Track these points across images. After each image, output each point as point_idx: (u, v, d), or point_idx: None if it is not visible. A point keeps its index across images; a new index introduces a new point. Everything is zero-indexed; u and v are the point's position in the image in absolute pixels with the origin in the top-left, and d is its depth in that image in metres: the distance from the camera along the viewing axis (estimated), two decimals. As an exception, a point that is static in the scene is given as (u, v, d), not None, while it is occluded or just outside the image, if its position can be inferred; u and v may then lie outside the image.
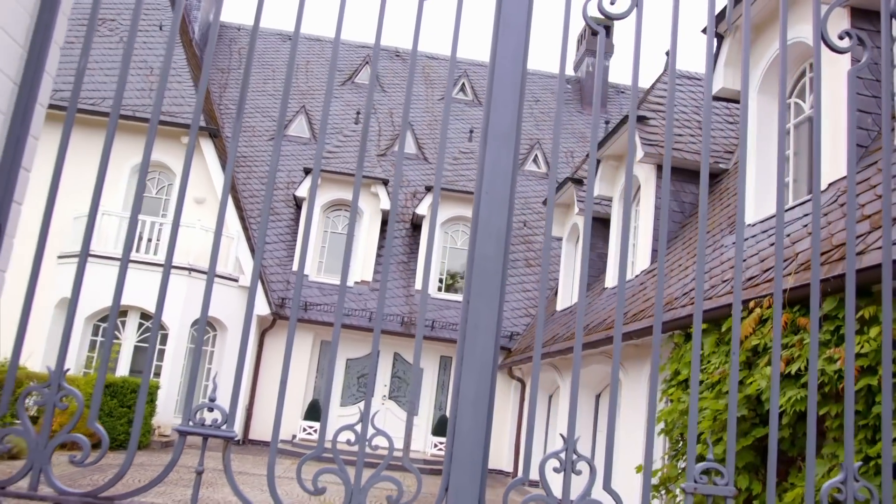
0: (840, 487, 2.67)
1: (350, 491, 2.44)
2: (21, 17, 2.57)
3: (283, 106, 2.71)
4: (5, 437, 2.42)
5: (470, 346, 2.59)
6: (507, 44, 2.83)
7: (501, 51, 2.81)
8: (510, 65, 2.81)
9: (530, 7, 2.86)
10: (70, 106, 2.52)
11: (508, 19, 2.83)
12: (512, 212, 2.74)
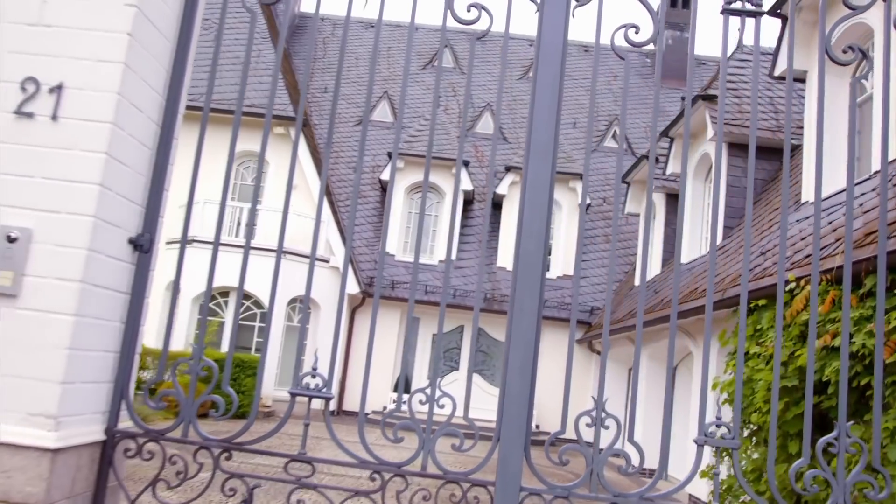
0: (833, 442, 3.16)
1: (422, 440, 3.10)
2: (163, 44, 3.31)
3: (369, 95, 3.36)
4: (164, 396, 3.20)
5: (516, 327, 3.19)
6: (545, 73, 3.38)
7: (541, 80, 3.37)
8: (548, 91, 3.36)
9: (565, 42, 3.40)
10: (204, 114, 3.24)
11: (546, 56, 3.38)
12: (550, 214, 3.32)
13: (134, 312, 3.32)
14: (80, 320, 2.95)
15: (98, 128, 3.03)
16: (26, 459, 2.81)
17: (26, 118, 3.04)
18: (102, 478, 3.19)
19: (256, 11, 3.42)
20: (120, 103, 3.07)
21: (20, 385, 2.87)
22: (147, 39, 3.23)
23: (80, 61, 3.08)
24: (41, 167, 3.01)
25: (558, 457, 3.14)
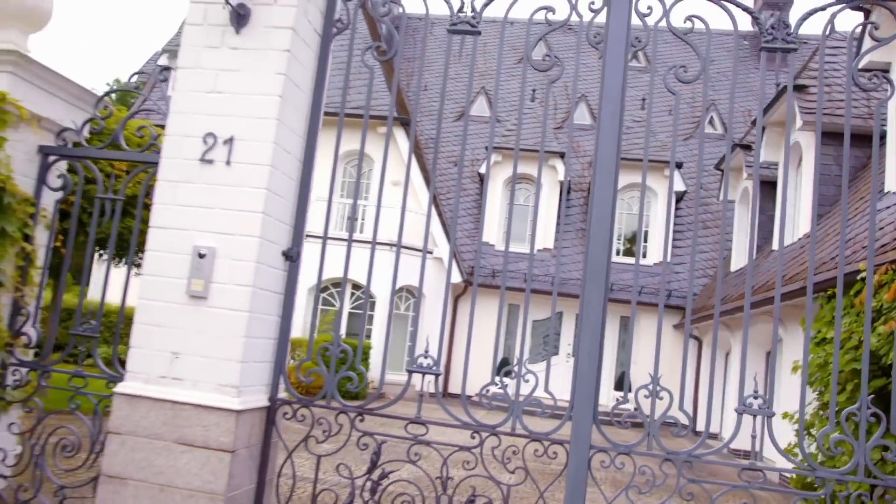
0: (855, 412, 3.78)
1: (511, 407, 3.93)
2: (302, 98, 4.26)
3: (469, 91, 4.20)
4: (311, 372, 4.15)
5: (586, 317, 3.97)
6: (607, 109, 4.12)
7: (604, 119, 4.11)
8: (610, 123, 4.09)
9: (623, 88, 4.11)
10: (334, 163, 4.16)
11: (609, 94, 4.12)
12: (614, 222, 4.06)
13: (287, 308, 4.31)
14: (251, 315, 3.94)
15: (260, 169, 4.00)
16: (219, 418, 3.82)
17: (208, 164, 4.05)
18: (268, 434, 4.19)
19: (374, 66, 4.31)
20: (275, 149, 4.03)
21: (212, 364, 3.88)
22: (292, 97, 4.18)
23: (245, 119, 4.05)
24: (220, 200, 4.01)
25: (622, 423, 3.91)
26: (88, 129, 4.85)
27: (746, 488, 3.75)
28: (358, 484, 4.09)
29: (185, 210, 4.04)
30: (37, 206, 4.63)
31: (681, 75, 4.16)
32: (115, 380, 4.15)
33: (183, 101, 4.16)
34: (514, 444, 3.94)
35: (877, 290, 6.77)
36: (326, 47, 4.47)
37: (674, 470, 3.81)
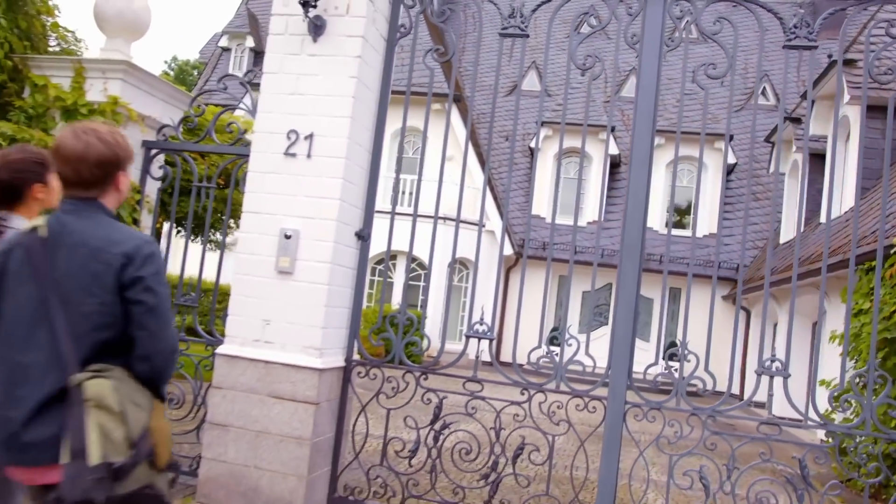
0: (863, 374, 4.25)
1: (556, 368, 4.50)
2: (371, 96, 4.85)
3: (521, 67, 4.74)
4: (381, 336, 4.78)
5: (622, 291, 4.51)
6: (642, 106, 4.60)
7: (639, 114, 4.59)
8: (644, 118, 4.58)
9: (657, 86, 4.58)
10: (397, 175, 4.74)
11: (644, 90, 4.60)
12: (647, 209, 4.56)
13: (359, 281, 4.94)
14: (330, 288, 4.58)
15: (337, 161, 4.61)
16: (305, 375, 4.48)
17: (291, 157, 4.68)
18: (344, 390, 4.86)
19: (434, 67, 4.86)
20: (349, 144, 4.64)
21: (298, 329, 4.54)
22: (362, 96, 4.77)
23: (323, 117, 4.66)
24: (302, 188, 4.64)
25: (653, 382, 4.45)
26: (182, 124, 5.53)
27: (764, 440, 4.26)
28: (422, 434, 4.72)
29: (272, 197, 4.69)
30: (142, 193, 5.33)
31: (710, 72, 4.61)
32: (214, 343, 4.85)
33: (269, 101, 4.79)
34: (559, 400, 4.52)
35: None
36: (391, 50, 5.03)
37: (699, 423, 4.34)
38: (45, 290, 2.02)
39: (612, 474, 4.39)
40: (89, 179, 2.13)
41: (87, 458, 1.87)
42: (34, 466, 1.95)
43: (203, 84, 24.74)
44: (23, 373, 2.00)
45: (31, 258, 2.04)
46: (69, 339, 1.99)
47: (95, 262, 2.04)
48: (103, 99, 5.01)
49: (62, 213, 2.15)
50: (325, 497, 4.75)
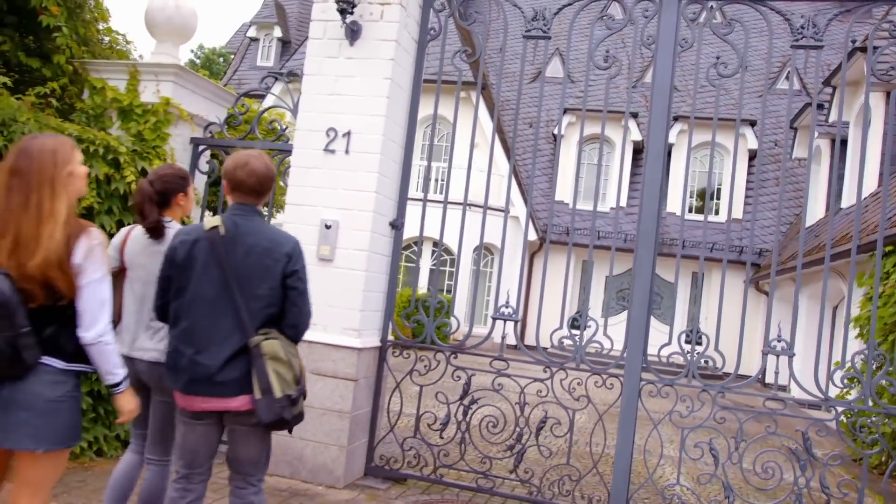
0: (864, 353, 4.56)
1: (576, 348, 4.87)
2: (403, 95, 5.20)
3: (545, 55, 5.09)
4: (412, 318, 5.16)
5: (638, 276, 4.84)
6: (657, 104, 4.91)
7: (655, 112, 4.91)
8: (659, 116, 4.90)
9: (671, 85, 4.90)
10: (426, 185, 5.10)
11: (658, 88, 4.92)
12: (662, 201, 4.88)
13: (393, 268, 5.33)
14: (368, 274, 4.97)
15: (372, 157, 4.99)
16: (344, 354, 4.89)
17: (330, 153, 5.06)
18: (380, 368, 5.26)
19: (463, 68, 5.20)
20: (384, 140, 5.01)
21: (338, 312, 4.94)
22: (396, 96, 5.13)
23: (359, 115, 5.03)
24: (341, 182, 5.02)
25: (666, 360, 4.80)
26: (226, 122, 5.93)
27: (770, 414, 4.59)
28: (452, 409, 5.11)
29: (313, 190, 5.08)
30: (191, 186, 5.75)
31: (722, 71, 4.92)
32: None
33: (309, 101, 5.17)
34: (579, 378, 4.89)
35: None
36: (422, 52, 5.39)
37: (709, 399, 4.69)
38: (227, 275, 2.75)
39: (628, 446, 4.75)
40: (259, 192, 2.88)
41: (273, 392, 2.68)
42: (221, 398, 2.75)
43: (232, 74, 25.22)
44: (213, 334, 2.75)
45: (214, 250, 2.77)
46: (247, 312, 2.75)
47: (267, 259, 2.80)
48: (156, 100, 5.41)
49: (233, 216, 2.85)
50: (363, 466, 5.17)
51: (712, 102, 20.46)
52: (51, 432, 2.36)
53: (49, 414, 2.36)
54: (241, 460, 2.90)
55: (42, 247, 2.30)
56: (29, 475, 2.40)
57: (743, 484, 5.87)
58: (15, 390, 2.33)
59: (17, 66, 5.46)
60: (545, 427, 5.01)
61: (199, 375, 2.73)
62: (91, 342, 2.41)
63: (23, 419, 2.32)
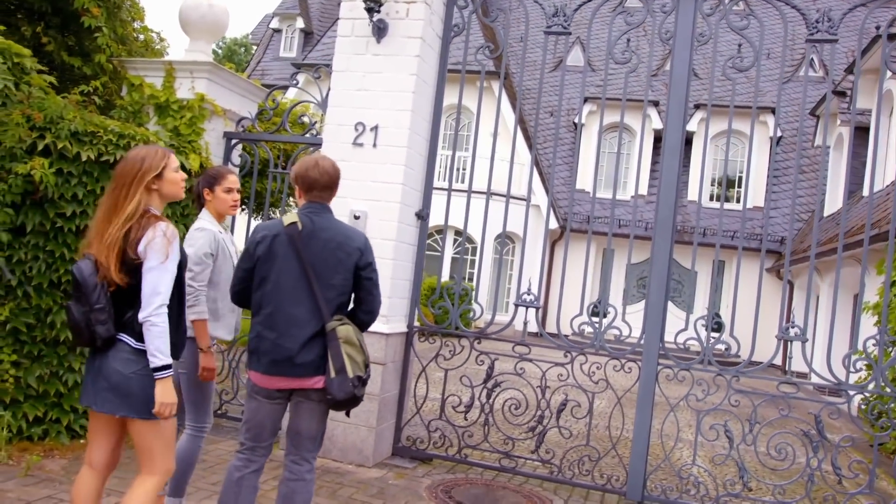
0: (876, 339, 4.71)
1: (596, 333, 5.06)
2: (428, 90, 5.40)
3: (566, 44, 5.26)
4: (437, 304, 5.37)
5: (655, 263, 5.01)
6: (674, 96, 5.07)
7: (672, 105, 5.07)
8: (676, 108, 5.05)
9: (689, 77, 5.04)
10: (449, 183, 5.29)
11: (676, 81, 5.07)
12: (679, 191, 5.04)
13: (419, 256, 5.54)
14: (395, 262, 5.18)
15: (399, 150, 5.19)
16: (374, 339, 5.11)
17: (359, 146, 5.27)
18: (407, 353, 5.48)
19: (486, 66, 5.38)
20: (410, 134, 5.21)
21: (367, 298, 5.15)
22: (421, 91, 5.33)
23: (386, 110, 5.24)
24: (368, 175, 5.23)
25: (683, 345, 4.97)
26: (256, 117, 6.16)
27: (784, 398, 4.76)
28: (476, 392, 5.33)
29: (343, 182, 5.23)
30: (224, 178, 5.99)
31: (739, 64, 5.06)
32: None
33: (338, 96, 5.38)
34: (598, 362, 5.08)
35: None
36: (446, 48, 5.57)
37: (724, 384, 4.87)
38: (304, 266, 3.05)
39: (646, 428, 4.94)
40: (330, 188, 3.20)
41: (346, 373, 2.97)
42: (300, 378, 3.03)
43: (255, 65, 25.51)
44: (293, 320, 3.02)
45: (293, 244, 3.06)
46: (323, 300, 3.03)
47: (341, 252, 3.09)
48: (191, 96, 5.64)
49: (308, 213, 3.14)
50: (391, 446, 5.41)
51: (734, 90, 20.46)
52: (124, 402, 2.66)
53: (121, 386, 2.66)
54: (302, 434, 3.13)
55: (105, 237, 2.64)
56: (133, 438, 2.76)
57: (757, 465, 6.04)
58: (101, 361, 2.70)
59: (60, 66, 5.72)
60: (565, 410, 5.21)
61: (280, 357, 3.01)
62: (141, 321, 2.66)
63: (104, 387, 2.68)
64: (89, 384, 2.72)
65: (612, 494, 5.04)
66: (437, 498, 4.60)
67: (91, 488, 2.79)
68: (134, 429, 2.72)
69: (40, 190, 4.52)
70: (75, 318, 2.64)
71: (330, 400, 3.01)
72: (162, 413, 2.67)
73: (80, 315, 2.63)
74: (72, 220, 4.69)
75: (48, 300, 4.65)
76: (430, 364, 5.46)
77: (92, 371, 2.72)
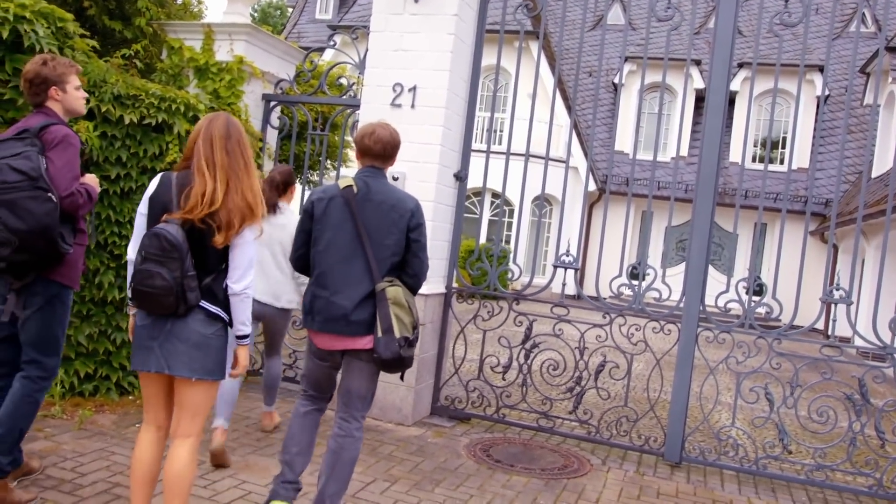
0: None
1: (635, 294, 5.03)
2: (466, 49, 5.35)
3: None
4: (476, 266, 5.38)
5: (696, 224, 4.95)
6: (719, 51, 4.95)
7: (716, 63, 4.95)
8: (720, 67, 4.93)
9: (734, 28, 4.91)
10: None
11: (721, 38, 4.94)
12: (722, 152, 4.95)
13: (457, 218, 5.54)
14: (434, 223, 5.19)
15: (437, 111, 5.17)
16: (412, 300, 5.14)
17: (397, 107, 5.26)
18: (445, 313, 5.52)
19: (525, 25, 5.30)
20: (448, 94, 5.18)
21: (406, 260, 5.18)
22: (459, 51, 5.28)
23: (424, 71, 5.20)
24: (407, 136, 5.20)
25: (723, 308, 4.93)
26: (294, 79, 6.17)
27: (826, 361, 4.70)
28: (515, 353, 5.35)
29: (381, 144, 5.29)
30: (263, 141, 6.03)
31: (786, 20, 4.91)
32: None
33: (376, 57, 5.36)
34: (637, 324, 5.06)
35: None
36: (484, 7, 5.50)
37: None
38: (358, 228, 3.15)
39: (685, 390, 4.92)
40: (384, 156, 3.30)
41: (393, 333, 3.04)
42: (353, 336, 3.12)
43: (291, 28, 25.47)
44: (347, 279, 3.13)
45: (348, 205, 3.17)
46: (375, 261, 3.13)
47: (394, 213, 3.17)
48: (230, 58, 5.67)
49: (364, 177, 3.24)
50: (430, 406, 5.48)
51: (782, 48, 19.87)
52: (201, 364, 2.70)
53: (201, 348, 2.70)
54: (352, 393, 3.23)
55: (237, 201, 2.73)
56: (186, 400, 2.76)
57: (798, 428, 6.00)
58: (177, 325, 2.69)
59: (101, 29, 5.78)
60: (604, 371, 5.21)
61: (334, 315, 3.11)
62: (237, 293, 2.76)
63: (181, 350, 2.68)
64: (156, 349, 2.70)
65: (650, 455, 5.06)
66: (475, 456, 4.66)
67: (159, 448, 2.84)
68: (193, 390, 2.74)
69: (86, 153, 4.60)
70: (168, 283, 2.61)
71: (377, 359, 3.08)
72: (239, 373, 2.85)
73: (172, 280, 2.61)
74: (116, 182, 4.77)
75: (95, 261, 4.76)
76: (469, 325, 5.49)
77: (159, 336, 2.70)
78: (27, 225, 2.88)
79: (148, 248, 2.64)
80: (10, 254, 2.90)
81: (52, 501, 3.23)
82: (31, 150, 2.96)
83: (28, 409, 3.13)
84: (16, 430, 3.12)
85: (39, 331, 3.15)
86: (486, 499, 3.93)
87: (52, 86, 3.18)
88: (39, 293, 3.12)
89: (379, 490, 3.89)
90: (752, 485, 4.73)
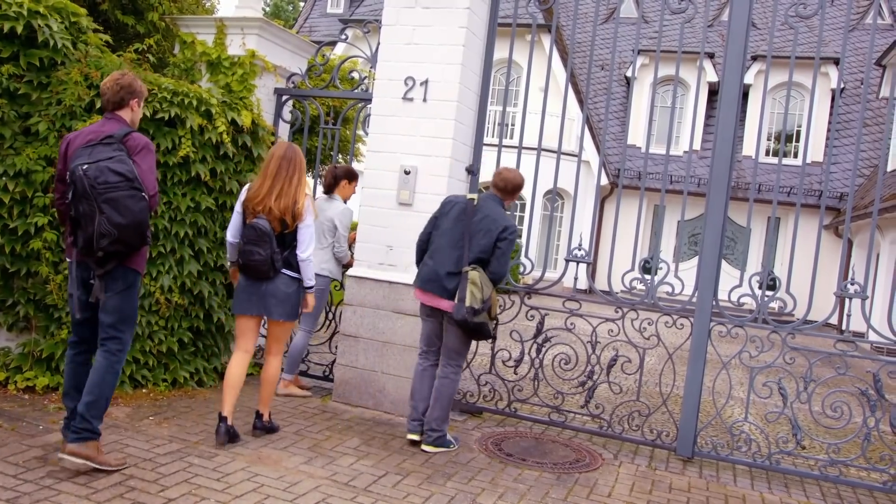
0: (939, 296, 4.56)
1: (648, 288, 5.01)
2: (478, 43, 5.34)
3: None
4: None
5: (710, 218, 4.92)
6: (733, 44, 4.91)
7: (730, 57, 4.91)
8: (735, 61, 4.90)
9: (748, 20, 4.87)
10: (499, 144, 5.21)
11: (735, 30, 4.90)
12: (735, 146, 4.92)
13: (469, 212, 5.52)
14: (445, 218, 5.18)
15: (449, 105, 5.16)
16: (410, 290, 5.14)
17: (408, 101, 5.25)
18: (457, 308, 5.51)
19: (537, 18, 5.28)
20: (461, 88, 5.17)
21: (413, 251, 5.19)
22: (471, 45, 5.26)
23: (436, 64, 5.19)
24: (419, 130, 5.22)
25: (736, 302, 4.90)
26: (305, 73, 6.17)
27: (841, 355, 4.67)
28: (526, 347, 5.35)
29: (392, 137, 5.30)
30: (275, 135, 6.04)
31: (801, 11, 4.86)
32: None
33: (387, 51, 5.35)
34: (650, 318, 5.04)
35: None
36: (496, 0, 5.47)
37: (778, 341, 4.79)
38: (465, 229, 4.45)
39: (697, 384, 4.91)
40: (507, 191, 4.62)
41: (464, 301, 4.30)
42: (440, 297, 4.43)
43: (303, 22, 25.48)
44: (448, 258, 4.45)
45: (465, 210, 4.50)
46: (468, 252, 4.41)
47: (491, 225, 4.41)
48: (242, 53, 5.68)
49: (485, 196, 4.58)
50: (441, 399, 5.48)
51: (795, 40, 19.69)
52: (285, 310, 4.22)
53: (285, 301, 4.21)
54: (447, 346, 4.55)
55: (289, 202, 4.14)
56: (275, 333, 4.34)
57: (811, 423, 5.97)
58: (269, 286, 4.17)
59: (115, 24, 5.80)
60: (616, 365, 5.20)
61: (432, 277, 4.47)
62: (303, 260, 4.21)
63: (273, 303, 4.19)
64: (256, 301, 4.18)
65: (662, 450, 5.05)
66: (487, 450, 4.66)
67: (245, 366, 4.22)
68: (280, 327, 4.29)
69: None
70: (263, 257, 4.03)
71: (451, 319, 4.36)
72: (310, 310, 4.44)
73: (266, 255, 4.04)
74: (130, 176, 4.79)
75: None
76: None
77: (257, 293, 4.17)
78: (126, 220, 3.33)
79: (249, 236, 4.06)
80: (107, 245, 3.34)
81: (67, 493, 3.26)
82: (122, 154, 3.41)
83: (112, 379, 3.56)
84: (104, 397, 3.53)
85: (120, 311, 3.58)
86: (497, 493, 3.94)
87: (135, 98, 3.68)
88: (119, 278, 3.55)
89: (391, 483, 3.90)
90: (764, 480, 4.72)
